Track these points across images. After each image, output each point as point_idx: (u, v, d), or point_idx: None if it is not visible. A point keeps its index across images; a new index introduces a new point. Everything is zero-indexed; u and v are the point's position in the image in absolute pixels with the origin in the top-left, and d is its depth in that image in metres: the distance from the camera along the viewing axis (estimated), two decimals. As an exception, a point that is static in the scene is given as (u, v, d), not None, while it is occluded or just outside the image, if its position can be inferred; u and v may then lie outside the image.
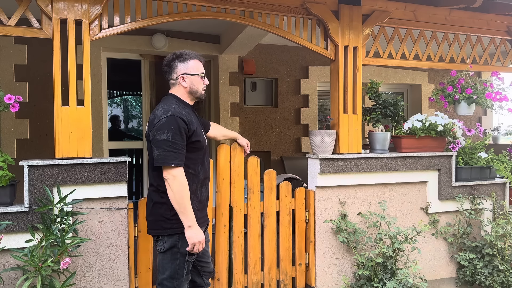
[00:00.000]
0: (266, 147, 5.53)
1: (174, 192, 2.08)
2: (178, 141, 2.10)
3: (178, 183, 2.08)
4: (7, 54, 4.30)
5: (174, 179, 2.08)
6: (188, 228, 2.12)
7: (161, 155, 2.07)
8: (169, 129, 2.08)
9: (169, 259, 2.20)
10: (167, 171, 2.08)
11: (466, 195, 3.62)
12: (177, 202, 2.09)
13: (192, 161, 2.23)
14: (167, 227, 2.17)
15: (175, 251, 2.18)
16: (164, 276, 2.21)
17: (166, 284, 2.21)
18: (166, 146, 2.07)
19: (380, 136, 3.44)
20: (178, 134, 2.10)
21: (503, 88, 3.76)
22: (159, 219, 2.19)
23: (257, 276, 3.12)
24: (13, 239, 2.40)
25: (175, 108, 2.17)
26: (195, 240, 2.13)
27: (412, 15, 3.56)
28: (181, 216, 2.11)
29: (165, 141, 2.07)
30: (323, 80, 5.79)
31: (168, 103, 2.22)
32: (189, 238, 2.13)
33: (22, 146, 4.38)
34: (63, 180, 2.51)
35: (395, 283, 2.90)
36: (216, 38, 5.17)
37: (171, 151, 2.07)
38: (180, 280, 2.22)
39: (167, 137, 2.07)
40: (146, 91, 5.10)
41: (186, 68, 2.27)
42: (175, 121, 2.10)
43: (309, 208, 3.25)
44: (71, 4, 2.56)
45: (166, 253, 2.20)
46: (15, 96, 2.43)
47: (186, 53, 2.30)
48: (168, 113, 2.11)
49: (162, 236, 2.20)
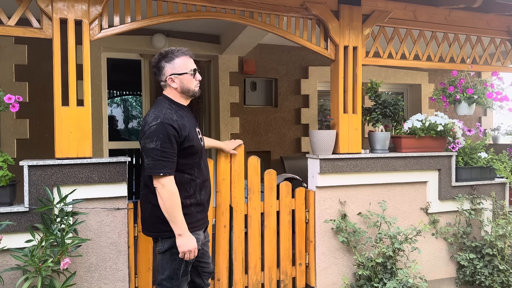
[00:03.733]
0: (266, 147, 5.53)
1: (164, 201, 2.06)
2: (168, 149, 2.05)
3: (168, 191, 2.06)
4: (7, 54, 4.30)
5: (163, 187, 2.05)
6: (178, 237, 2.10)
7: (150, 164, 2.05)
8: (158, 137, 2.04)
9: (168, 259, 2.19)
10: (157, 179, 2.06)
11: (466, 195, 3.62)
12: (166, 211, 2.07)
13: (187, 166, 2.20)
14: (166, 229, 2.14)
15: (174, 252, 2.16)
16: (163, 277, 2.21)
17: (166, 284, 2.21)
18: (154, 155, 2.03)
19: (380, 136, 3.44)
20: (167, 142, 2.05)
21: (503, 88, 3.76)
22: (158, 221, 2.17)
23: (257, 276, 3.12)
24: (13, 239, 2.40)
25: (166, 114, 2.10)
26: (185, 249, 2.11)
27: (412, 15, 3.56)
28: (171, 224, 2.09)
29: (153, 150, 2.03)
30: (323, 80, 5.79)
31: (160, 107, 2.16)
32: (180, 247, 2.11)
33: (22, 146, 4.38)
34: (63, 180, 2.51)
35: (395, 283, 2.90)
36: (216, 38, 5.17)
37: (160, 160, 2.03)
38: (179, 281, 2.22)
39: (155, 145, 2.03)
40: (146, 91, 5.10)
41: (173, 68, 2.19)
42: (164, 128, 2.05)
43: (309, 208, 3.25)
44: (71, 4, 2.56)
45: (165, 253, 2.19)
46: (15, 96, 2.43)
47: (172, 51, 2.20)
48: (157, 120, 2.06)
49: (162, 237, 2.19)
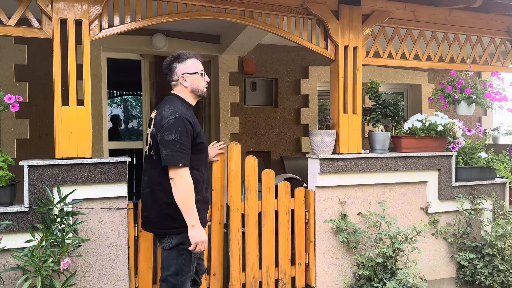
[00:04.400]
0: (266, 147, 5.53)
1: (180, 192, 2.11)
2: (185, 142, 2.14)
3: (185, 182, 2.12)
4: (7, 54, 4.30)
5: (181, 178, 2.11)
6: (192, 228, 2.14)
7: (168, 155, 2.11)
8: (177, 130, 2.13)
9: (175, 255, 2.22)
10: (174, 170, 2.11)
11: (466, 195, 3.62)
12: (182, 201, 2.12)
13: (196, 162, 2.26)
14: (175, 226, 2.20)
15: (182, 248, 2.21)
16: (169, 273, 2.23)
17: (171, 280, 2.23)
18: (173, 146, 2.11)
19: (380, 136, 3.44)
20: (185, 135, 2.14)
21: (504, 88, 3.75)
22: (166, 219, 2.21)
23: (254, 274, 3.12)
24: (13, 239, 2.40)
25: (182, 110, 2.21)
26: (198, 240, 2.15)
27: (412, 15, 3.56)
28: (185, 215, 2.13)
29: (172, 142, 2.11)
30: (323, 80, 5.79)
31: (175, 104, 2.26)
32: (193, 238, 2.15)
33: (22, 146, 4.38)
34: (63, 180, 2.51)
35: (395, 283, 2.90)
36: (216, 38, 5.17)
37: (178, 151, 2.11)
38: (185, 277, 2.25)
39: (174, 137, 2.11)
40: (146, 91, 5.10)
41: (185, 67, 2.32)
42: (182, 122, 2.15)
43: (309, 208, 3.25)
44: (71, 4, 2.56)
45: (172, 249, 2.23)
46: (15, 96, 2.43)
47: (184, 53, 2.35)
48: (175, 114, 2.16)
49: (170, 234, 2.22)
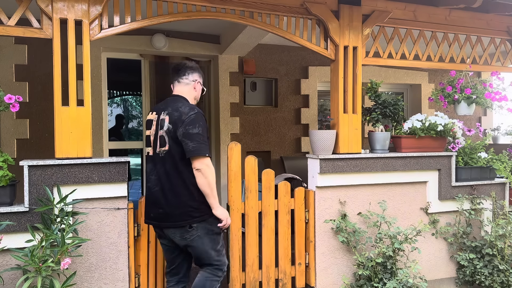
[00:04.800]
0: (266, 147, 5.53)
1: (209, 179, 2.31)
2: (205, 135, 2.34)
3: (211, 171, 2.34)
4: (7, 54, 4.30)
5: (208, 167, 2.31)
6: (218, 208, 2.38)
7: (196, 146, 2.27)
8: (199, 124, 2.31)
9: (209, 240, 2.39)
10: (201, 161, 2.28)
11: (466, 195, 3.62)
12: (210, 187, 2.31)
13: None
14: (197, 215, 2.34)
15: (211, 230, 2.39)
16: (211, 256, 2.40)
17: (216, 262, 2.42)
18: (199, 139, 2.28)
19: (380, 136, 3.44)
20: (205, 129, 2.35)
21: (503, 88, 3.75)
22: (189, 210, 2.34)
23: (254, 274, 3.12)
24: (13, 239, 2.40)
25: (196, 107, 2.40)
26: (225, 215, 2.41)
27: (412, 15, 3.56)
28: (210, 200, 2.34)
29: (198, 135, 2.29)
30: (323, 80, 5.79)
31: (185, 103, 2.43)
32: (221, 215, 2.39)
33: (22, 146, 4.38)
34: (63, 180, 2.51)
35: (395, 283, 2.90)
36: (216, 38, 5.17)
37: (203, 143, 2.30)
38: (223, 253, 2.48)
39: (198, 130, 2.30)
40: (146, 91, 5.10)
41: (200, 77, 2.59)
42: (202, 117, 2.35)
43: (309, 208, 3.25)
44: (71, 4, 2.56)
45: (204, 238, 2.37)
46: (15, 96, 2.43)
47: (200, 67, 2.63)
48: (194, 110, 2.35)
49: (193, 224, 2.33)
